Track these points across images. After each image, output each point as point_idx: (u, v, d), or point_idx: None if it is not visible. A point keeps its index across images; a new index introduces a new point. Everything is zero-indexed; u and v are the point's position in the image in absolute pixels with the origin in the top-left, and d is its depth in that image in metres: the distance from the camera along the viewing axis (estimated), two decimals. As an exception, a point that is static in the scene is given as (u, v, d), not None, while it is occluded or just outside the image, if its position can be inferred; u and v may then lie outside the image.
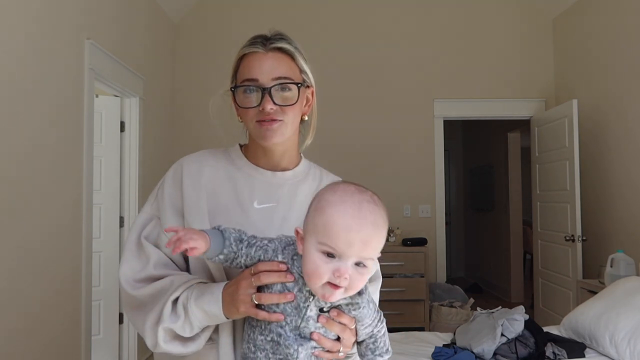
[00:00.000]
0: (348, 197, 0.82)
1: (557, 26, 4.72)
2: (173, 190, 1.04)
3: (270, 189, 1.07)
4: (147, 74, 3.88)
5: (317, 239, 0.80)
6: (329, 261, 0.79)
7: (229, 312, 0.91)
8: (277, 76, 1.00)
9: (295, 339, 0.85)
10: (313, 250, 0.81)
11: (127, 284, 0.99)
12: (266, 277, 0.87)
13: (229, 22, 4.70)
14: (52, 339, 2.57)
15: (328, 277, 0.79)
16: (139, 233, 1.03)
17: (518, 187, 6.10)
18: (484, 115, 4.81)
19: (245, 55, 1.04)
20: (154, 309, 0.94)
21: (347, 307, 0.88)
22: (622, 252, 3.31)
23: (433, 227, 4.69)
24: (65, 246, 2.71)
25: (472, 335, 2.47)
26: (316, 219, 0.82)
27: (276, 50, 1.03)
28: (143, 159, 3.79)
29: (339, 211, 0.80)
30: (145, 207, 1.07)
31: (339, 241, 0.78)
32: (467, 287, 6.17)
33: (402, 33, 4.77)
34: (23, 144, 2.30)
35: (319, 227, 0.81)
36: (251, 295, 0.87)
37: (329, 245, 0.79)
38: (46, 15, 2.50)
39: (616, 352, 2.32)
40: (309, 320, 0.86)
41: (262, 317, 0.86)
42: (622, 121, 3.70)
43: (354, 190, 0.84)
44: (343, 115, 4.62)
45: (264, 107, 0.99)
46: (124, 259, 1.01)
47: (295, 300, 0.85)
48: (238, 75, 1.05)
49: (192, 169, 1.06)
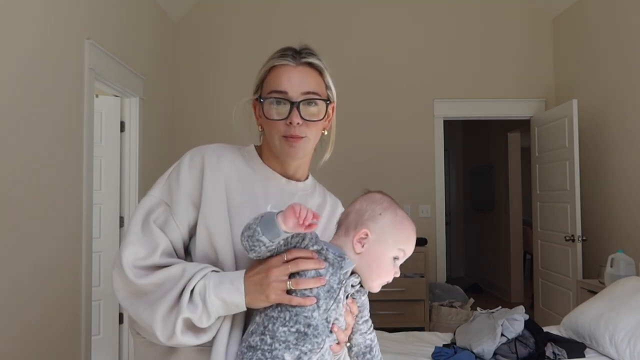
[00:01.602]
0: (405, 215, 1.00)
1: (557, 26, 4.72)
2: (190, 179, 1.02)
3: (283, 195, 1.07)
4: (147, 74, 3.88)
5: (399, 247, 0.96)
6: (395, 264, 0.97)
7: (255, 301, 0.90)
8: (306, 91, 1.02)
9: (324, 329, 0.89)
10: (389, 256, 0.95)
11: (129, 270, 0.94)
12: (304, 263, 0.89)
13: (229, 22, 4.70)
14: (52, 338, 2.56)
15: (389, 276, 0.96)
16: (146, 215, 1.00)
17: (518, 187, 6.10)
18: (484, 115, 4.81)
19: (274, 67, 1.04)
20: (166, 299, 0.91)
21: (357, 294, 0.97)
22: (622, 252, 3.31)
23: (433, 227, 4.69)
24: (65, 246, 2.71)
25: (472, 335, 2.47)
26: (399, 230, 0.97)
27: (306, 64, 1.04)
28: (143, 159, 3.79)
29: (410, 227, 0.98)
30: (153, 190, 1.04)
31: (409, 250, 0.98)
32: (467, 287, 6.17)
33: (402, 33, 4.76)
34: (23, 143, 2.30)
35: (401, 238, 0.96)
36: (285, 282, 0.88)
37: (405, 251, 0.97)
38: (46, 15, 2.50)
39: (616, 352, 2.32)
40: (339, 303, 0.91)
41: (296, 302, 0.87)
42: (622, 121, 3.70)
43: (396, 206, 1.01)
44: (343, 115, 4.60)
45: (291, 120, 1.00)
46: (127, 241, 0.97)
47: (327, 284, 0.90)
48: (265, 86, 1.05)
49: (212, 161, 1.04)
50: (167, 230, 0.99)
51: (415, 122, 4.73)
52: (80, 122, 2.86)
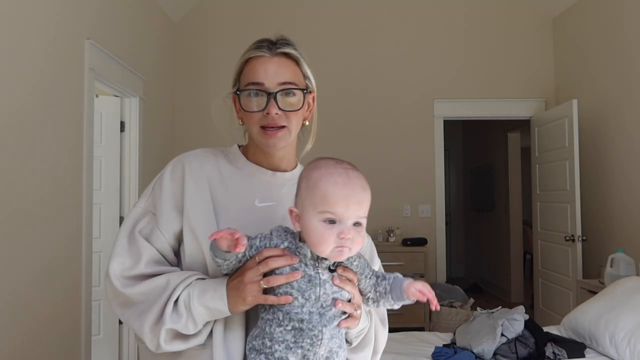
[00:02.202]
0: (333, 169, 0.91)
1: (557, 26, 4.72)
2: (173, 185, 1.03)
3: (270, 188, 1.07)
4: (147, 74, 3.88)
5: (318, 210, 0.88)
6: (332, 227, 0.88)
7: (235, 305, 0.91)
8: (282, 81, 1.01)
9: (319, 319, 0.88)
10: (316, 222, 0.88)
11: (117, 280, 0.97)
12: (274, 261, 0.89)
13: (229, 22, 4.70)
14: (52, 338, 2.56)
15: (334, 241, 0.87)
16: (132, 227, 1.02)
17: (518, 187, 6.10)
18: (484, 115, 4.81)
19: (250, 59, 1.04)
20: (152, 310, 0.93)
21: (347, 261, 0.94)
22: (622, 252, 3.31)
23: (433, 227, 4.69)
24: (65, 246, 2.71)
25: (472, 335, 2.47)
26: (313, 194, 0.89)
27: (282, 55, 1.03)
28: (143, 159, 3.79)
29: (331, 182, 0.89)
30: (139, 202, 1.06)
31: (339, 206, 0.88)
32: (467, 287, 6.17)
33: (402, 33, 4.76)
34: (23, 143, 2.30)
35: (317, 200, 0.89)
36: (259, 282, 0.89)
37: (330, 212, 0.88)
38: (46, 15, 2.50)
39: (616, 352, 2.32)
40: (326, 285, 0.90)
41: (271, 301, 0.88)
42: (622, 121, 3.70)
43: (335, 163, 0.93)
44: (343, 115, 4.62)
45: (269, 111, 1.00)
46: (114, 253, 1.00)
47: (305, 274, 0.89)
48: (242, 79, 1.05)
49: (193, 166, 1.05)
50: (153, 238, 1.00)
51: (415, 122, 4.73)
52: (80, 122, 2.86)
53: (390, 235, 4.49)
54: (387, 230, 4.54)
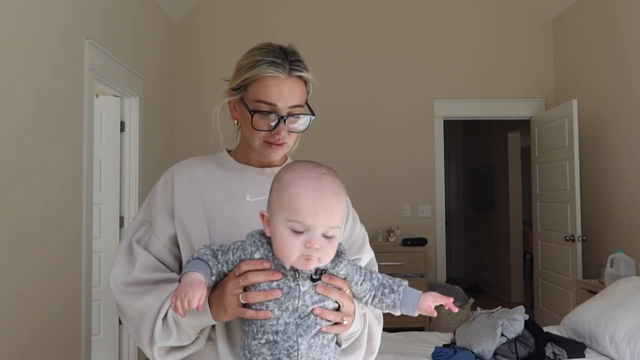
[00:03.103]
0: (307, 173, 0.86)
1: (557, 26, 4.72)
2: (165, 194, 1.06)
3: (261, 183, 1.08)
4: (147, 74, 3.88)
5: (285, 217, 0.83)
6: (298, 236, 0.83)
7: (218, 316, 0.91)
8: (293, 104, 1.02)
9: (294, 329, 0.85)
10: (282, 228, 0.84)
11: (115, 287, 1.00)
12: (253, 276, 0.87)
13: (229, 22, 4.70)
14: (52, 338, 2.56)
15: (300, 250, 0.82)
16: (131, 237, 1.05)
17: (518, 187, 6.10)
18: (484, 115, 4.81)
19: (263, 76, 1.02)
20: (144, 328, 0.95)
21: (333, 270, 0.89)
22: (622, 252, 3.31)
23: (433, 227, 4.69)
24: (65, 246, 2.71)
25: (472, 335, 2.47)
26: (280, 198, 0.85)
27: (296, 77, 1.03)
28: (143, 159, 3.79)
29: (301, 186, 0.83)
30: (137, 215, 1.10)
31: (306, 214, 0.82)
32: (467, 287, 6.17)
33: (402, 33, 4.76)
34: (23, 143, 2.30)
35: (284, 204, 0.84)
36: (238, 296, 0.88)
37: (296, 220, 0.82)
38: (46, 15, 2.50)
39: (616, 352, 2.32)
40: (305, 296, 0.87)
41: (249, 315, 0.87)
42: (622, 121, 3.70)
43: (311, 166, 0.88)
44: (343, 115, 4.62)
45: (277, 132, 1.02)
46: (114, 263, 1.03)
47: (284, 286, 0.86)
48: (250, 90, 1.03)
49: (183, 174, 1.08)
50: (150, 245, 1.03)
51: (415, 122, 4.73)
52: (80, 122, 2.86)
53: (390, 235, 4.49)
54: (387, 230, 4.54)
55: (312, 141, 4.56)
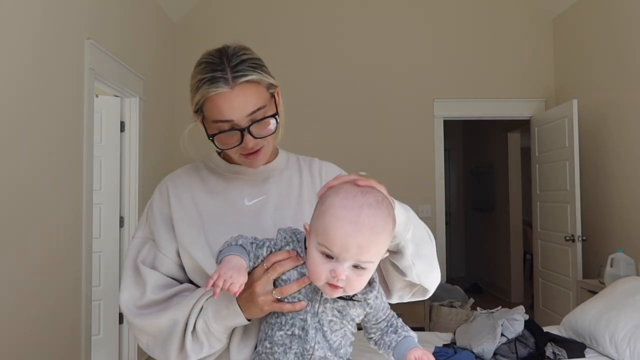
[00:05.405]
0: (349, 201, 0.82)
1: (557, 26, 4.72)
2: (163, 207, 1.05)
3: (256, 184, 1.08)
4: (147, 74, 3.88)
5: (317, 240, 0.82)
6: (327, 261, 0.81)
7: (251, 315, 0.92)
8: (251, 111, 0.96)
9: (315, 333, 0.87)
10: (314, 250, 0.83)
11: (129, 312, 0.99)
12: (281, 266, 0.88)
13: (229, 22, 4.70)
14: (52, 338, 2.57)
15: (326, 277, 0.81)
16: (135, 258, 1.03)
17: (518, 187, 6.10)
18: (484, 115, 4.81)
19: (209, 98, 0.96)
20: (171, 343, 0.94)
21: (362, 297, 0.89)
22: (622, 252, 3.31)
23: (433, 227, 4.69)
24: (65, 246, 2.71)
25: (472, 335, 2.47)
26: (318, 221, 0.83)
27: (242, 83, 0.95)
28: (143, 159, 3.79)
29: (337, 217, 0.80)
30: (137, 232, 1.07)
31: (335, 245, 0.79)
32: (467, 287, 6.17)
33: (402, 33, 4.76)
34: (23, 143, 2.30)
35: (319, 229, 0.82)
36: (271, 292, 0.88)
37: (326, 247, 0.80)
38: (46, 15, 2.50)
39: (616, 352, 2.32)
40: (326, 304, 0.88)
41: (287, 309, 0.87)
42: (622, 121, 3.70)
43: (356, 193, 0.83)
44: (343, 115, 4.62)
45: (246, 145, 0.97)
46: (123, 286, 1.01)
47: (311, 284, 0.87)
48: (205, 113, 0.99)
49: (177, 185, 1.07)
50: (157, 264, 1.01)
51: (415, 122, 4.73)
52: (80, 122, 2.86)
53: (390, 235, 4.48)
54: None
55: (312, 141, 4.58)
